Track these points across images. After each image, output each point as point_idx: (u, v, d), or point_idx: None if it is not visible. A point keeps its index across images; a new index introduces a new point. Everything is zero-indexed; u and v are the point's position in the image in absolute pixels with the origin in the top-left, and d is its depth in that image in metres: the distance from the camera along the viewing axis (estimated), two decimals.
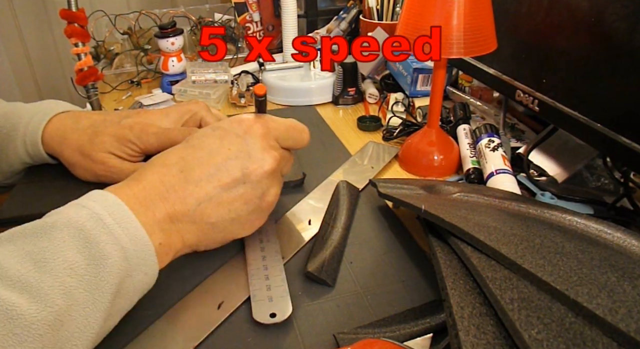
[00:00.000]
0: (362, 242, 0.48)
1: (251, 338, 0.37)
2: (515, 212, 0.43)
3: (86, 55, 0.74)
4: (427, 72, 0.75)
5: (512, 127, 0.70)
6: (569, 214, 0.41)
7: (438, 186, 0.50)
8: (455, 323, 0.29)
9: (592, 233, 0.38)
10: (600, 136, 0.46)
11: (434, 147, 0.61)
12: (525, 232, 0.37)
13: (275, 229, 0.48)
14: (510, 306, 0.29)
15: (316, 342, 0.37)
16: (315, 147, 0.68)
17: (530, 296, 0.30)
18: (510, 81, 0.59)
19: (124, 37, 0.99)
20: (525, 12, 0.56)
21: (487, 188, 0.52)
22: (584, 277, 0.30)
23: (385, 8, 0.91)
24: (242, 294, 0.41)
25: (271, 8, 1.04)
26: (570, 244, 0.35)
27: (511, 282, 0.31)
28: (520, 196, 0.49)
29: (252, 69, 0.96)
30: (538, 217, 0.42)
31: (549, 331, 0.27)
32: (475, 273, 0.34)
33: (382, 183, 0.51)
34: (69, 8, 0.71)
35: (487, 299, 0.32)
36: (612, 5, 0.43)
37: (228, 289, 0.41)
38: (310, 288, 0.42)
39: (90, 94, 0.77)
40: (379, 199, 0.55)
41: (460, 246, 0.37)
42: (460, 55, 0.51)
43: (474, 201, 0.46)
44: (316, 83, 0.84)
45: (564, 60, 0.50)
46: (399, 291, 0.41)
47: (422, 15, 0.50)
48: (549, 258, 0.33)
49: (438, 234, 0.41)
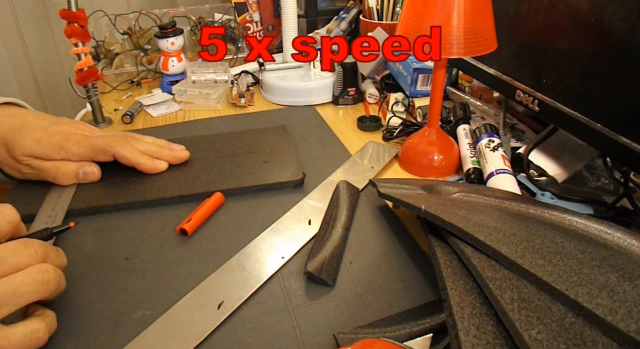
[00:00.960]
0: (362, 242, 0.48)
1: (251, 338, 0.37)
2: (515, 212, 0.43)
3: (86, 55, 0.74)
4: (427, 72, 0.75)
5: (512, 127, 0.70)
6: (569, 214, 0.41)
7: (438, 186, 0.50)
8: (455, 323, 0.29)
9: (592, 233, 0.38)
10: (600, 136, 0.46)
11: (434, 147, 0.61)
12: (525, 232, 0.37)
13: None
14: (510, 306, 0.29)
15: (316, 342, 0.37)
16: (315, 147, 0.68)
17: (530, 296, 0.30)
18: (510, 81, 0.59)
19: (124, 37, 0.99)
20: (525, 12, 0.56)
21: (487, 188, 0.52)
22: (584, 277, 0.30)
23: (385, 8, 0.91)
24: (242, 294, 0.41)
25: (271, 8, 1.04)
26: (570, 244, 0.35)
27: (511, 282, 0.31)
28: (520, 196, 0.49)
29: (252, 69, 0.96)
30: (538, 217, 0.42)
31: (549, 331, 0.27)
32: (475, 273, 0.34)
33: (382, 183, 0.51)
34: (69, 8, 0.71)
35: (487, 299, 0.32)
36: (612, 5, 0.43)
37: (228, 289, 0.41)
38: (310, 288, 0.42)
39: (90, 94, 0.77)
40: (379, 199, 0.55)
41: (460, 246, 0.37)
42: (460, 55, 0.51)
43: (474, 201, 0.46)
44: (316, 83, 0.84)
45: (564, 60, 0.50)
46: (399, 291, 0.41)
47: (422, 15, 0.50)
48: (549, 258, 0.33)
49: (438, 234, 0.41)
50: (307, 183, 0.58)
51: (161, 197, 0.54)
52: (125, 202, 0.53)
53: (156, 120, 0.81)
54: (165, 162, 0.59)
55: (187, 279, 0.43)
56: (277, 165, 0.60)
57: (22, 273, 0.34)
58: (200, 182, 0.56)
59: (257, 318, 0.39)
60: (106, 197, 0.54)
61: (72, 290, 0.42)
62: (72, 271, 0.44)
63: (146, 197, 0.54)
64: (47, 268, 0.36)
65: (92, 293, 0.42)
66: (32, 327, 0.34)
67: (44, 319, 0.35)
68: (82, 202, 0.53)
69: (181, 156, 0.61)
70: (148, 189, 0.55)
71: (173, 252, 0.47)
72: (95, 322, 0.39)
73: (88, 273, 0.44)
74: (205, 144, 0.66)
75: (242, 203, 0.54)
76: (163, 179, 0.58)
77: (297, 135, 0.72)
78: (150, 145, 0.60)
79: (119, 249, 0.48)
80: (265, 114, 0.81)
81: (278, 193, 0.56)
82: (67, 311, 0.40)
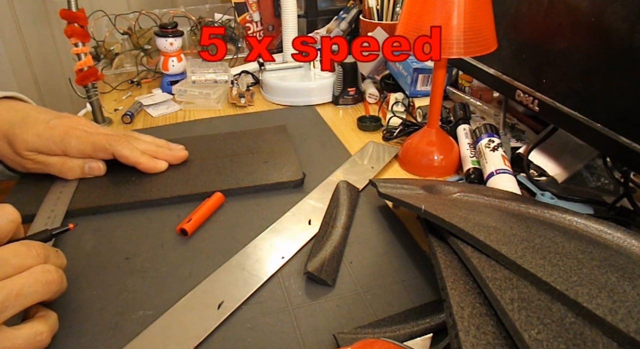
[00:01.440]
0: (362, 242, 0.48)
1: (251, 338, 0.37)
2: (515, 212, 0.43)
3: (86, 55, 0.74)
4: (427, 72, 0.75)
5: (512, 127, 0.70)
6: (569, 214, 0.41)
7: (438, 186, 0.50)
8: (455, 323, 0.29)
9: (592, 233, 0.38)
10: (600, 136, 0.46)
11: (434, 147, 0.61)
12: (525, 232, 0.37)
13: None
14: (510, 306, 0.29)
15: (316, 342, 0.37)
16: (315, 147, 0.68)
17: (530, 296, 0.30)
18: (510, 81, 0.59)
19: (124, 37, 0.99)
20: (525, 12, 0.56)
21: (487, 188, 0.52)
22: (584, 277, 0.30)
23: (385, 8, 0.91)
24: (242, 294, 0.41)
25: (271, 8, 1.04)
26: (570, 244, 0.35)
27: (511, 282, 0.31)
28: (520, 196, 0.49)
29: (252, 69, 0.96)
30: (538, 217, 0.42)
31: (549, 331, 0.27)
32: (475, 273, 0.34)
33: (382, 183, 0.51)
34: (69, 8, 0.71)
35: (487, 299, 0.32)
36: (612, 5, 0.43)
37: (228, 289, 0.41)
38: (310, 288, 0.42)
39: (90, 94, 0.77)
40: (379, 199, 0.55)
41: (460, 246, 0.37)
42: (460, 55, 0.51)
43: (474, 201, 0.46)
44: (316, 83, 0.84)
45: (564, 60, 0.50)
46: (399, 291, 0.41)
47: (422, 15, 0.50)
48: (549, 258, 0.33)
49: (438, 234, 0.41)
50: (307, 183, 0.58)
51: (161, 197, 0.54)
52: (125, 202, 0.53)
53: (156, 120, 0.81)
54: (165, 162, 0.59)
55: (187, 279, 0.43)
56: (278, 165, 0.60)
57: (25, 274, 0.34)
58: (200, 182, 0.56)
59: (257, 318, 0.39)
60: (106, 197, 0.54)
61: (72, 290, 0.42)
62: (72, 271, 0.44)
63: (146, 197, 0.54)
64: (50, 268, 0.36)
65: (92, 293, 0.42)
66: (35, 329, 0.34)
67: (47, 320, 0.35)
68: (81, 202, 0.53)
69: (180, 156, 0.61)
70: (148, 189, 0.55)
71: (173, 252, 0.47)
72: (95, 322, 0.39)
73: (88, 273, 0.44)
74: (205, 144, 0.66)
75: (241, 203, 0.54)
76: (163, 179, 0.58)
77: (297, 135, 0.72)
78: (150, 144, 0.60)
79: (119, 249, 0.48)
80: (265, 114, 0.81)
81: (278, 193, 0.56)
82: (67, 311, 0.40)
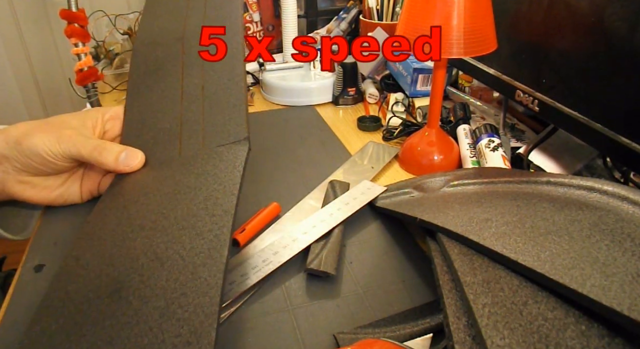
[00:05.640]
0: (362, 242, 0.48)
1: (251, 338, 0.37)
2: (506, 192, 0.42)
3: (86, 55, 0.74)
4: (427, 72, 0.75)
5: (512, 127, 0.70)
6: (557, 177, 0.41)
7: (430, 182, 0.51)
8: (452, 334, 0.29)
9: (581, 194, 0.38)
10: (600, 136, 0.46)
11: (434, 147, 0.61)
12: (516, 216, 0.37)
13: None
14: (481, 312, 0.29)
15: (316, 342, 0.37)
16: (315, 147, 0.68)
17: (503, 300, 0.30)
18: (510, 81, 0.59)
19: (124, 37, 0.99)
20: (525, 12, 0.56)
21: (477, 169, 0.51)
22: (576, 256, 0.30)
23: (385, 8, 0.91)
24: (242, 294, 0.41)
25: (271, 8, 1.04)
26: (560, 216, 0.35)
27: (488, 286, 0.31)
28: (507, 170, 0.49)
29: (252, 69, 0.96)
30: (526, 191, 0.41)
31: (514, 336, 0.27)
32: (455, 278, 0.34)
33: (380, 199, 0.52)
34: (69, 8, 0.71)
35: None
36: (612, 5, 0.43)
37: (228, 289, 0.41)
38: (310, 288, 0.42)
39: (90, 94, 0.77)
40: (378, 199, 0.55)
41: (448, 251, 0.37)
42: (460, 56, 0.51)
43: (465, 191, 0.46)
44: (316, 83, 0.84)
45: (564, 60, 0.50)
46: (399, 291, 0.41)
47: (422, 15, 0.50)
48: (540, 242, 0.33)
49: (436, 238, 0.41)
50: (307, 183, 0.58)
51: None
52: None
53: None
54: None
55: None
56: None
57: None
58: None
59: (257, 318, 0.39)
60: None
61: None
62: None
63: None
64: None
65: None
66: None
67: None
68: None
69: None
70: None
71: None
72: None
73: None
74: None
75: None
76: None
77: (297, 135, 0.72)
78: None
79: None
80: (265, 114, 0.81)
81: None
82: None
